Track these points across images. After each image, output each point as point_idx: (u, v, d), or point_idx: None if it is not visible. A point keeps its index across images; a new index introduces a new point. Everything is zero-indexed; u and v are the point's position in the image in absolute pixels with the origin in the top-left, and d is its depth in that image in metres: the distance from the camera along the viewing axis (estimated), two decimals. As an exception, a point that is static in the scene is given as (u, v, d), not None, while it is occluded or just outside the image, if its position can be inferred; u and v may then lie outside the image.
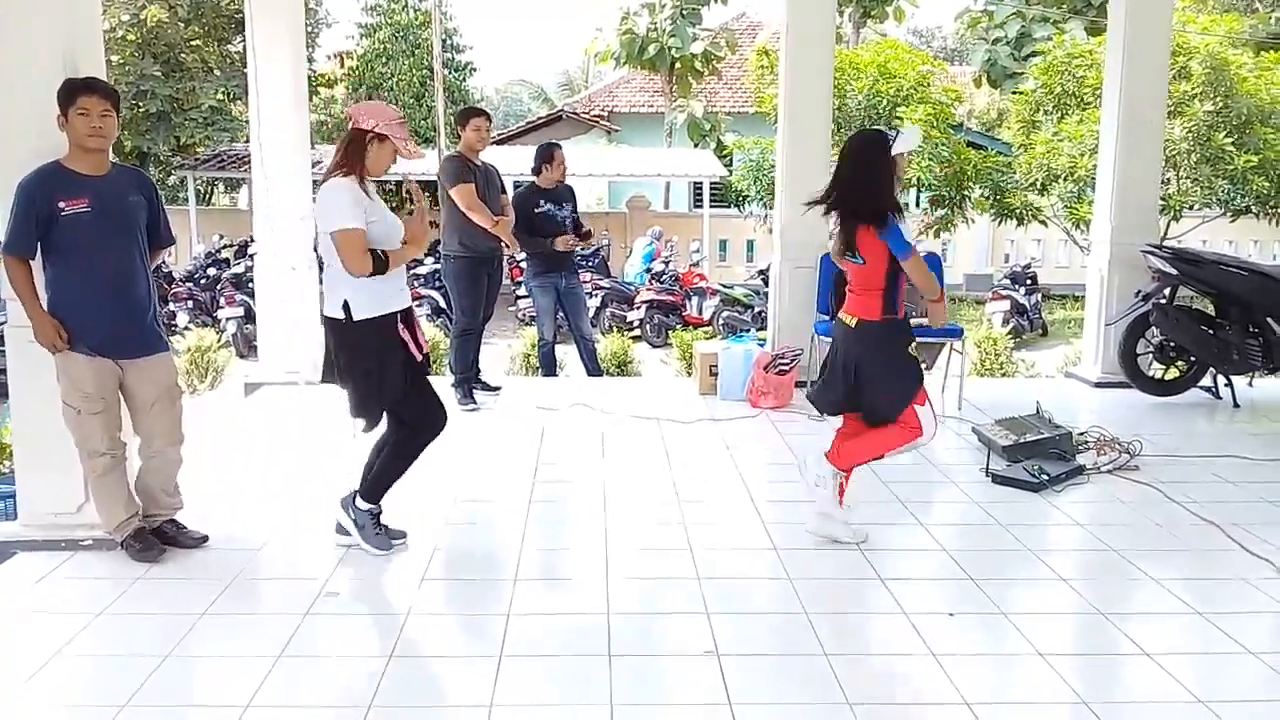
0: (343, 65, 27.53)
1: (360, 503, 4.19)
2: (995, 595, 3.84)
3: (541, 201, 7.26)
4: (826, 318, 7.04)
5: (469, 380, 6.88)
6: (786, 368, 6.83)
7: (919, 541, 4.40)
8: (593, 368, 7.81)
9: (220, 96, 21.20)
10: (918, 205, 17.21)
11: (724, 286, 15.12)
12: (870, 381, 4.15)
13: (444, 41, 24.43)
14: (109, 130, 3.91)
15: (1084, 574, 4.19)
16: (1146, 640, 3.50)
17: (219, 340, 9.92)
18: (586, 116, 26.69)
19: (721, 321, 14.01)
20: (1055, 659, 3.37)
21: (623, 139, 26.10)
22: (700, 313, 14.56)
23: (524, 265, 7.54)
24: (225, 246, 17.32)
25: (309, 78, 11.54)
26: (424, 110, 24.74)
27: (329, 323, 4.03)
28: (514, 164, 14.70)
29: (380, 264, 3.91)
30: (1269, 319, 6.73)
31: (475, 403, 6.79)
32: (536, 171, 7.35)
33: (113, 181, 3.99)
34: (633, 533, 4.50)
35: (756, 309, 13.90)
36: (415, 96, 25.16)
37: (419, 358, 4.10)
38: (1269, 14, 23.01)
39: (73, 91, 3.85)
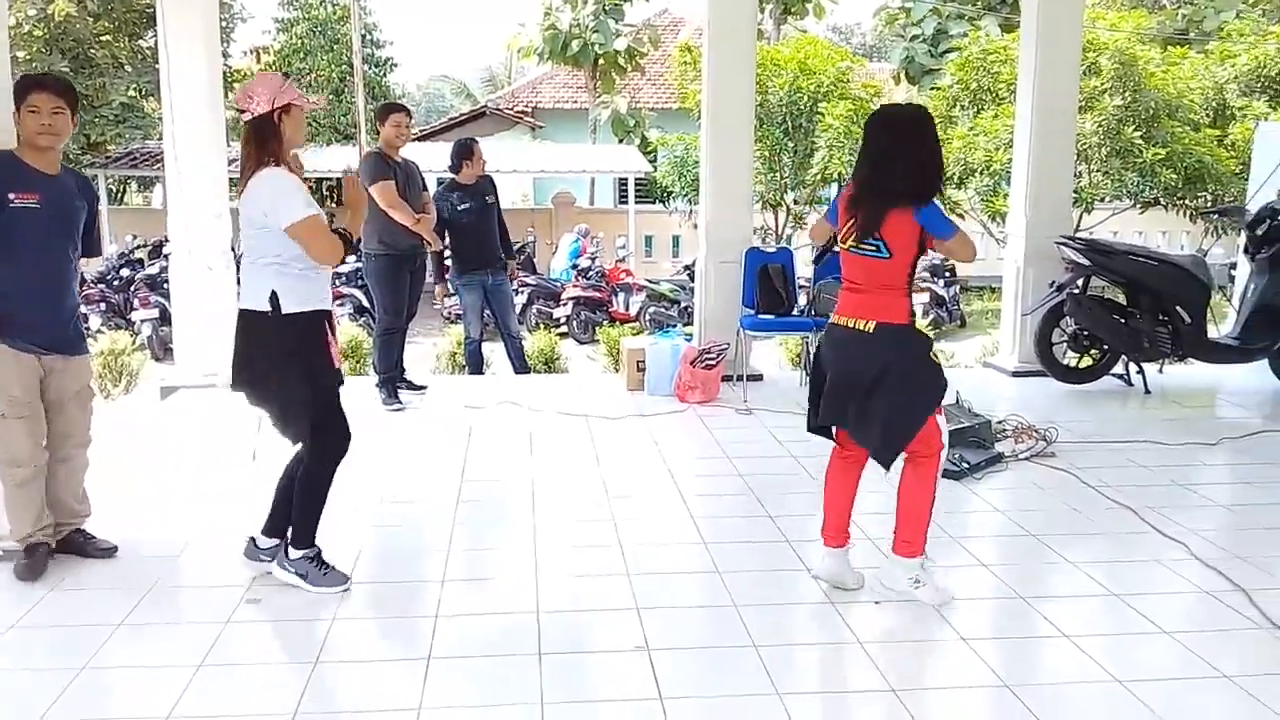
0: (259, 61, 26.95)
1: (294, 553, 3.84)
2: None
3: (461, 199, 7.20)
4: (752, 311, 7.10)
5: (393, 380, 6.81)
6: (713, 362, 6.87)
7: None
8: (520, 365, 7.78)
9: (132, 93, 20.65)
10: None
11: (650, 282, 15.15)
12: (894, 392, 3.58)
13: (364, 36, 24.07)
14: (60, 128, 3.84)
15: (1004, 559, 4.28)
16: (1065, 623, 3.59)
17: (133, 343, 9.68)
18: (510, 112, 26.53)
19: (648, 317, 14.05)
20: (977, 643, 3.44)
21: (547, 135, 25.99)
22: (627, 309, 14.58)
23: (449, 263, 7.48)
24: (139, 246, 16.86)
25: (224, 73, 11.29)
26: (344, 107, 24.35)
27: (250, 317, 3.67)
28: (437, 161, 14.54)
29: (349, 243, 3.70)
30: (1177, 307, 6.94)
31: (400, 402, 6.71)
32: (455, 169, 7.29)
33: (62, 183, 3.93)
34: (562, 530, 4.49)
35: (683, 304, 13.96)
36: (335, 92, 24.74)
37: (338, 365, 3.82)
38: (1175, 10, 23.71)
39: (25, 88, 3.81)
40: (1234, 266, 9.79)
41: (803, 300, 7.54)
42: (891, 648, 3.46)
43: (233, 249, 7.35)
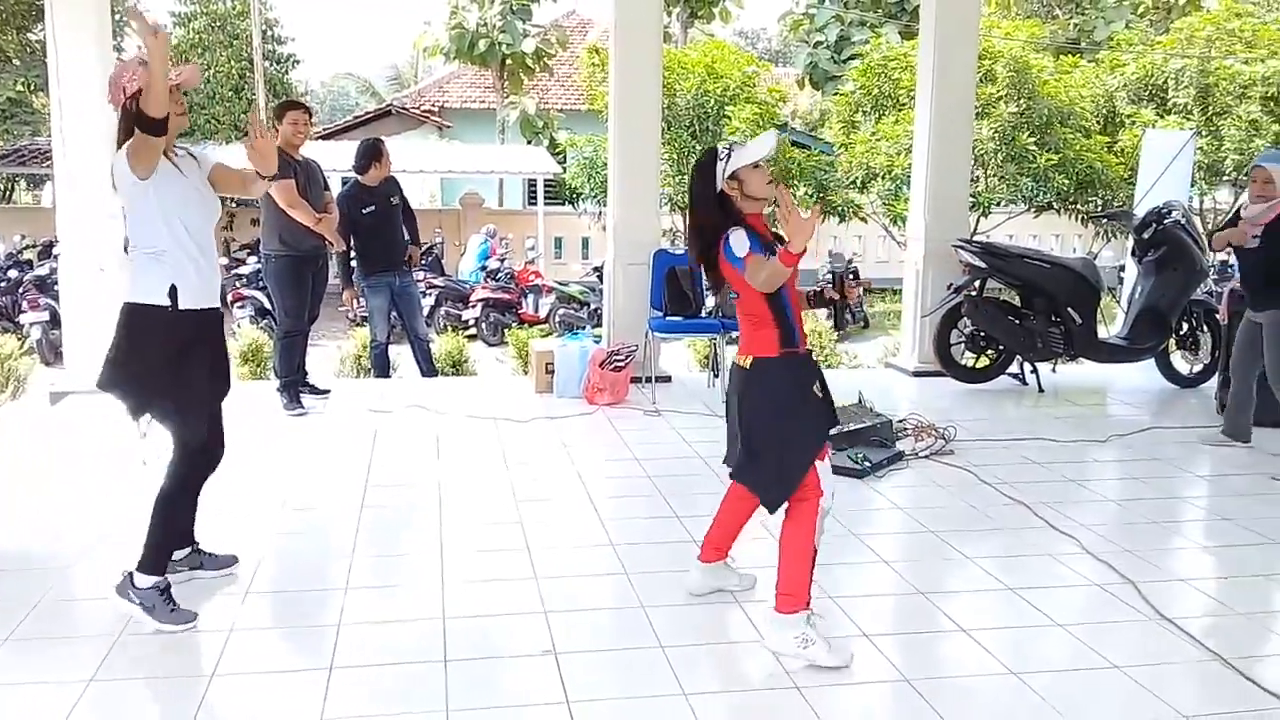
0: (155, 55, 26.19)
1: (141, 580, 3.52)
2: (822, 579, 3.92)
3: (369, 202, 7.09)
4: (660, 313, 7.13)
5: (295, 384, 6.67)
6: (622, 364, 6.88)
7: (748, 530, 4.49)
8: (427, 368, 7.69)
9: (20, 88, 19.91)
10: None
11: (559, 284, 15.11)
12: (764, 433, 3.42)
13: (264, 32, 23.59)
14: None
15: (904, 555, 4.38)
16: (962, 617, 3.68)
17: (21, 346, 9.31)
18: (417, 112, 26.22)
19: (557, 319, 14.00)
20: (879, 639, 3.51)
21: (455, 135, 25.74)
22: (536, 310, 14.52)
23: (355, 265, 7.34)
24: (28, 247, 16.27)
25: (117, 68, 10.94)
26: (243, 104, 23.80)
27: (142, 311, 3.53)
28: (342, 160, 14.30)
29: (153, 124, 3.38)
30: (1069, 309, 7.18)
31: (302, 407, 6.58)
32: (362, 170, 7.16)
33: None
34: (469, 535, 4.44)
35: (592, 306, 13.95)
36: (234, 89, 24.18)
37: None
38: (1068, 20, 24.51)
39: None
40: (1123, 269, 10.16)
41: (710, 302, 7.59)
42: (796, 645, 3.50)
43: (125, 249, 7.11)
